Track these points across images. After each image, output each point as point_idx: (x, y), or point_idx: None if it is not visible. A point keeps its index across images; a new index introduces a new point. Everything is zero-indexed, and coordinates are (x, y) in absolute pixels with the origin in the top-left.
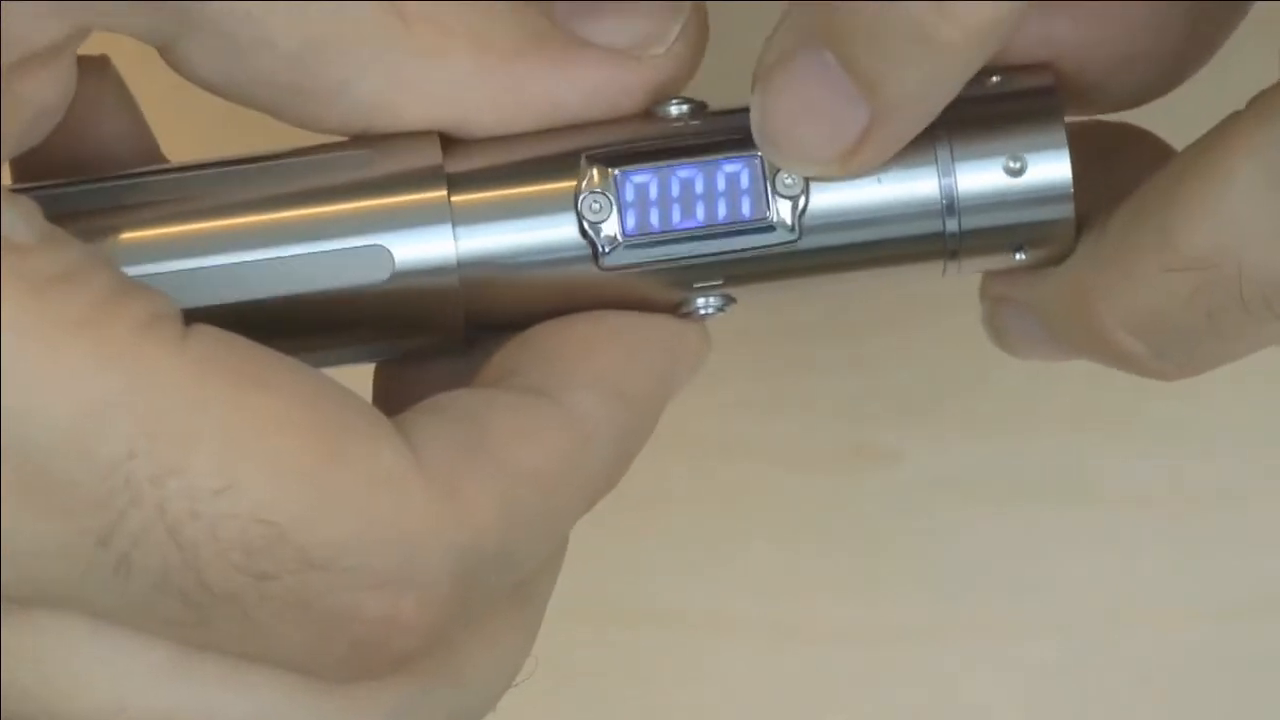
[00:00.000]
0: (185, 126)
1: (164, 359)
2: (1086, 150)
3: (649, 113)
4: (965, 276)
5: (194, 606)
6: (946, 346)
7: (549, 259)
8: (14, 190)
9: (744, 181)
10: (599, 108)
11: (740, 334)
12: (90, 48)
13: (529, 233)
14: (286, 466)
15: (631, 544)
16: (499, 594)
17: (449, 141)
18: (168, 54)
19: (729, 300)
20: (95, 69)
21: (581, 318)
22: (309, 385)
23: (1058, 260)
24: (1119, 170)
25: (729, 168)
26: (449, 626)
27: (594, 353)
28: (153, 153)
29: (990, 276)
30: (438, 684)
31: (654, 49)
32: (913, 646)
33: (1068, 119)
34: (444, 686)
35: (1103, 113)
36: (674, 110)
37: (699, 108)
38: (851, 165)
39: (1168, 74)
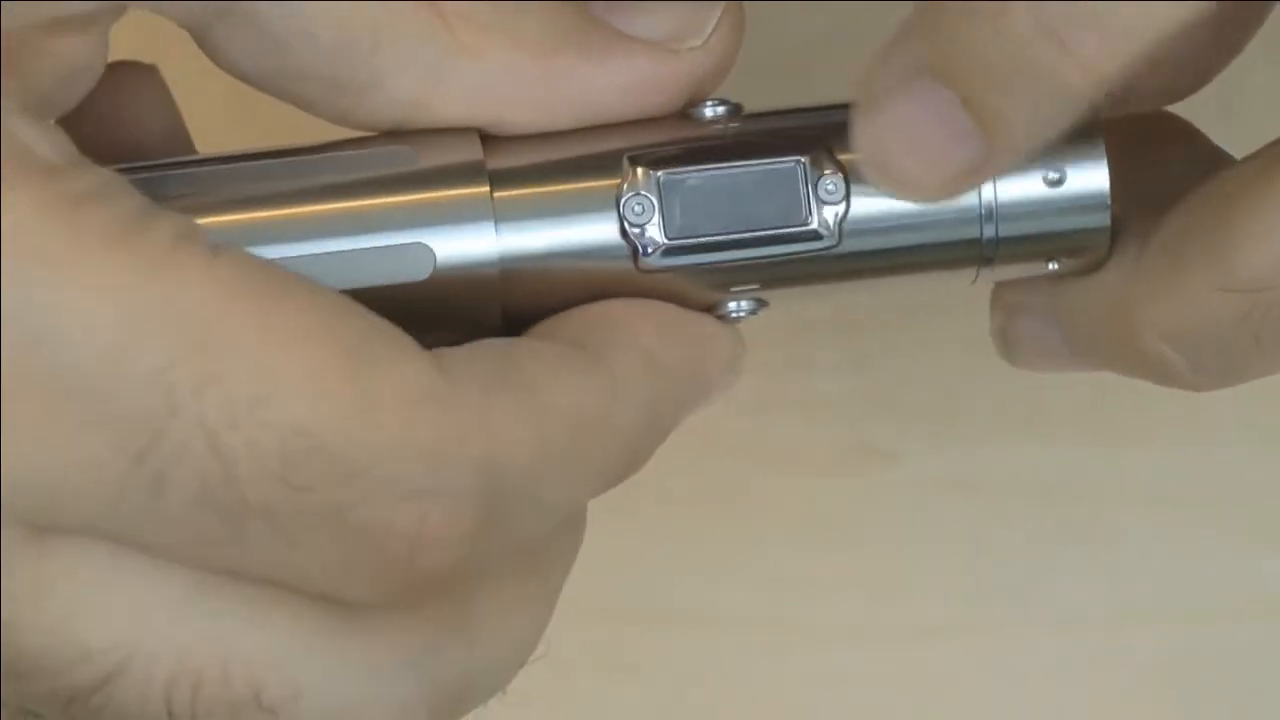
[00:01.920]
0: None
1: (197, 272)
2: (1126, 143)
3: (686, 114)
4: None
5: (229, 522)
6: (946, 346)
7: (589, 258)
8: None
9: (787, 186)
10: (636, 103)
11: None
12: (131, 31)
13: (570, 231)
14: (321, 376)
15: (632, 544)
16: (521, 537)
17: (487, 138)
18: (203, 41)
19: (761, 304)
20: (143, 73)
21: (620, 299)
22: (337, 303)
23: (1089, 270)
24: (1159, 167)
25: (772, 172)
26: (475, 549)
27: (632, 323)
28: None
29: (1005, 285)
30: (452, 640)
31: (691, 41)
32: (913, 646)
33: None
34: (458, 645)
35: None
36: (710, 112)
37: (735, 109)
38: (953, 191)
39: (1194, 75)
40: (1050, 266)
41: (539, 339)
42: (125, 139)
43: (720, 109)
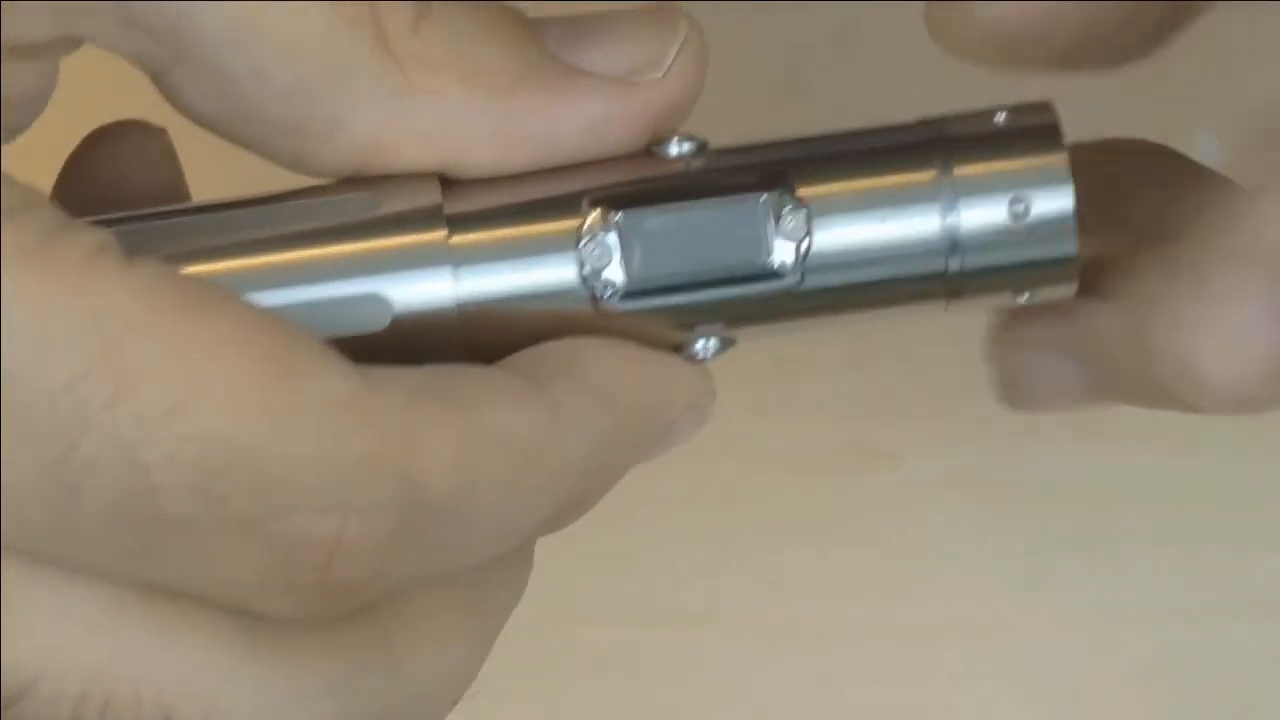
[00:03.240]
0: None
1: (112, 285)
2: (1109, 174)
3: (650, 152)
4: (967, 314)
5: (145, 534)
6: (946, 346)
7: (549, 301)
8: None
9: (748, 224)
10: (598, 139)
11: None
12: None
13: (529, 275)
14: (239, 387)
15: (631, 544)
16: (451, 562)
17: (448, 182)
18: (160, 83)
19: (729, 342)
20: (149, 134)
21: (577, 337)
22: (257, 315)
23: (1060, 299)
24: (1147, 190)
25: (732, 210)
26: (392, 566)
27: (586, 360)
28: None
29: (1008, 322)
30: (374, 668)
31: (651, 73)
32: (913, 646)
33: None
34: (380, 674)
35: (1072, 71)
36: (674, 149)
37: (701, 146)
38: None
39: (1142, 41)
40: (1020, 298)
41: (486, 366)
42: (122, 198)
43: (686, 145)
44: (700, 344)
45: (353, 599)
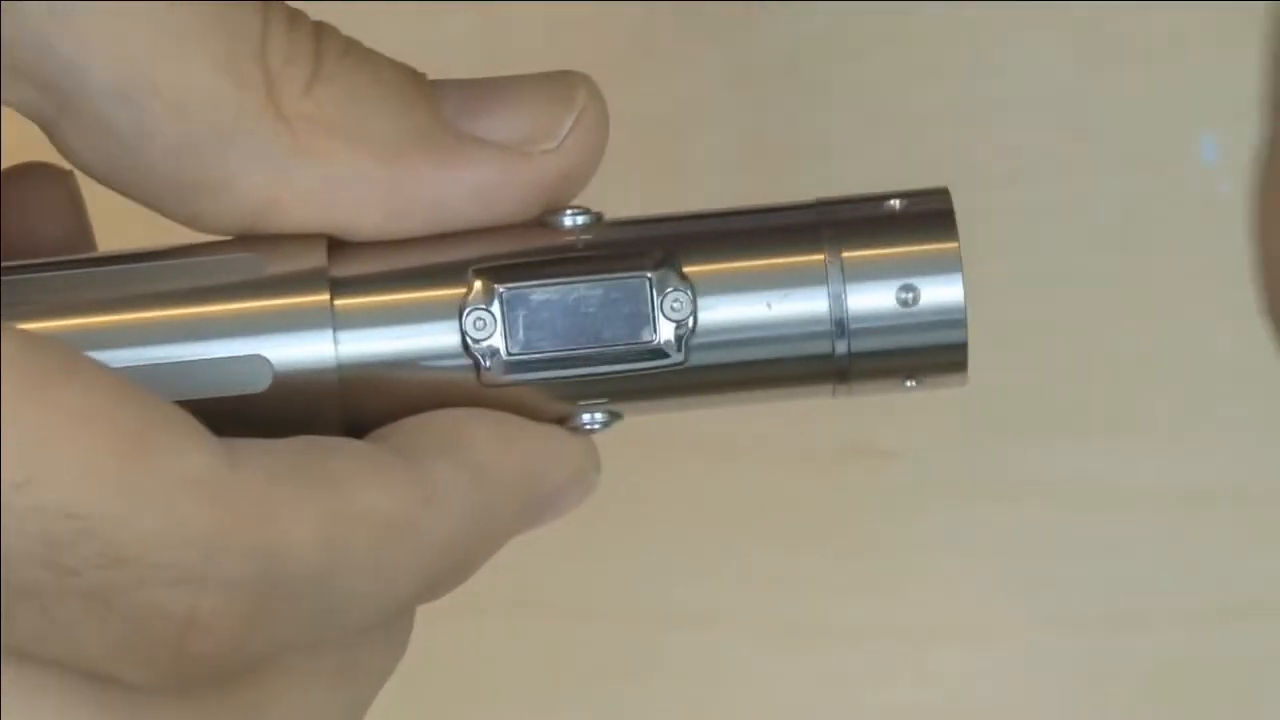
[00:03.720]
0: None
1: None
2: None
3: (542, 223)
4: (855, 399)
5: None
6: None
7: (431, 370)
8: None
9: (631, 302)
10: (487, 207)
11: None
12: None
13: (411, 342)
14: (90, 461)
15: (631, 544)
16: (312, 631)
17: (338, 245)
18: (52, 136)
19: (615, 416)
20: (53, 176)
21: (455, 408)
22: (117, 386)
23: (953, 385)
24: None
25: (617, 287)
26: (250, 640)
27: (462, 432)
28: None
29: None
30: None
31: (544, 144)
32: (913, 646)
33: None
34: None
35: None
36: (568, 221)
37: (594, 219)
38: None
39: None
40: (908, 384)
41: (354, 440)
42: (22, 244)
43: (579, 218)
44: (585, 417)
45: (211, 671)
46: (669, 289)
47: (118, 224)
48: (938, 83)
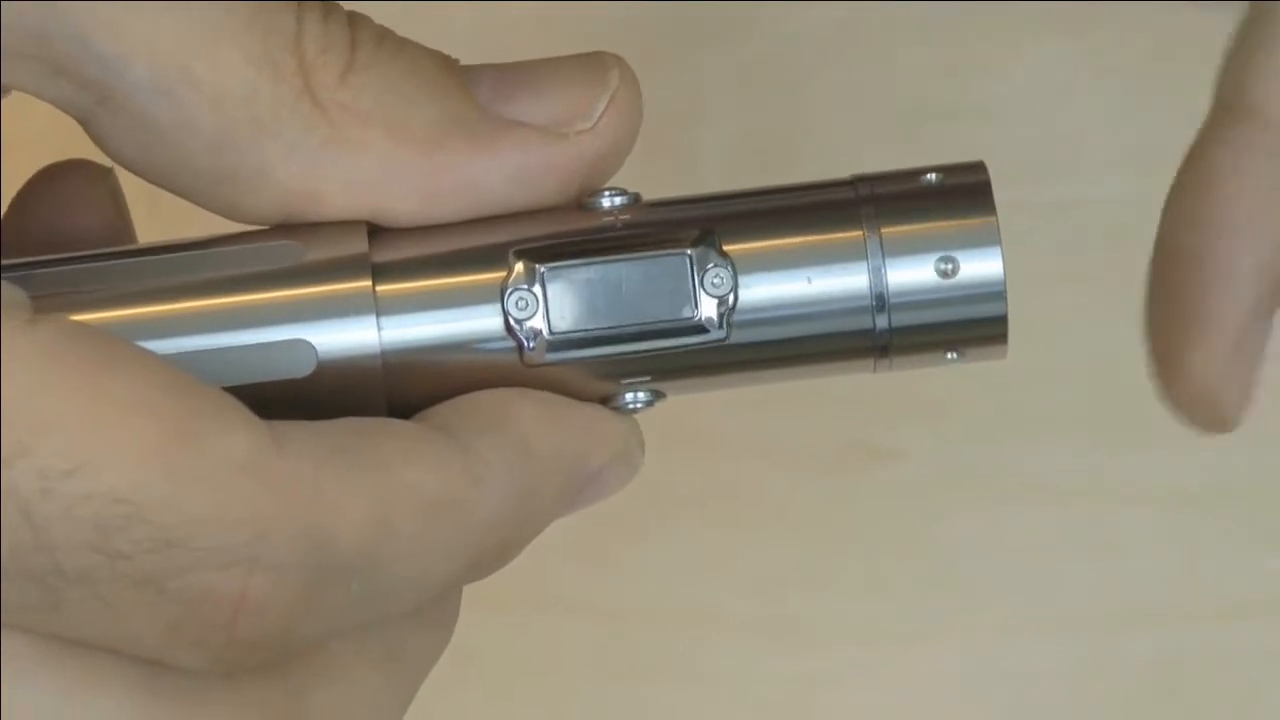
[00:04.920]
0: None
1: (13, 341)
2: None
3: (580, 204)
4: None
5: (46, 589)
6: None
7: (474, 352)
8: None
9: (673, 279)
10: (525, 190)
11: None
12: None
13: (454, 325)
14: (139, 446)
15: (631, 544)
16: (361, 613)
17: (376, 231)
18: (89, 129)
19: (658, 395)
20: (93, 173)
21: (499, 388)
22: (164, 373)
23: (994, 357)
24: None
25: (658, 265)
26: (301, 622)
27: (507, 412)
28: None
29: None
30: (288, 715)
31: (579, 125)
32: (913, 646)
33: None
34: None
35: None
36: (605, 202)
37: (632, 199)
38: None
39: None
40: (950, 356)
41: (402, 420)
42: (63, 240)
43: (617, 199)
44: (628, 396)
45: (261, 654)
46: (709, 265)
47: (159, 217)
48: (938, 82)
